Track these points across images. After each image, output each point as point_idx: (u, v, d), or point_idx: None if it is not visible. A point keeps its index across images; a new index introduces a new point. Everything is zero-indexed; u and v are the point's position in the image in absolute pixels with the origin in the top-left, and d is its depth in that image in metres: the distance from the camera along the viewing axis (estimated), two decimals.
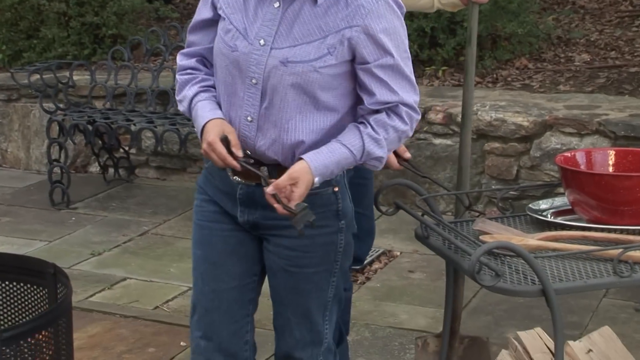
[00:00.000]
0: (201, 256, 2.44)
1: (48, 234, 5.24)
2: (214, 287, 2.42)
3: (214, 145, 2.25)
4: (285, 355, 2.49)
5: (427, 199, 2.72)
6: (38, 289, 2.71)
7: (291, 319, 2.44)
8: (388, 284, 4.52)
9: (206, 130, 2.29)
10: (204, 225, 2.44)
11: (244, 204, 2.39)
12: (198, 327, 2.46)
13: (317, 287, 2.43)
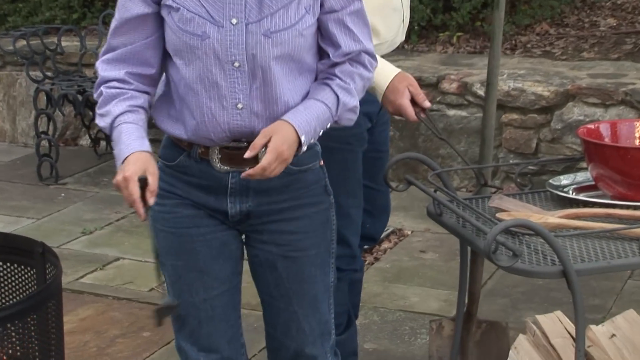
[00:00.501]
0: (184, 266, 2.39)
1: (36, 211, 5.26)
2: (205, 297, 2.40)
3: (129, 182, 2.18)
4: (295, 354, 2.47)
5: (440, 174, 2.72)
6: (26, 270, 2.73)
7: (298, 311, 2.43)
8: (398, 265, 4.53)
9: (128, 161, 2.21)
10: (181, 232, 2.37)
11: (236, 193, 2.35)
12: (192, 340, 2.43)
13: (322, 271, 2.44)
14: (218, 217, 2.39)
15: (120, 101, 2.28)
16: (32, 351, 2.46)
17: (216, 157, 2.32)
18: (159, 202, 2.37)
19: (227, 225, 2.40)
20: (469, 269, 2.93)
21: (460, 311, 2.93)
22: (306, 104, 2.29)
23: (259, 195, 2.35)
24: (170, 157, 2.38)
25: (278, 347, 2.48)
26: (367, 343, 3.79)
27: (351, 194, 2.99)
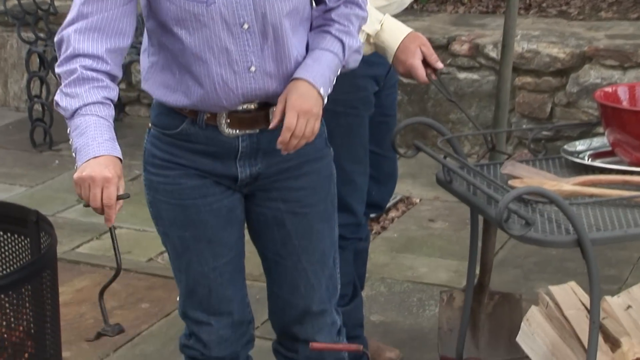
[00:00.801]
0: (192, 237, 2.42)
1: (29, 178, 5.27)
2: (214, 265, 2.43)
3: (111, 184, 2.13)
4: (303, 312, 2.52)
5: (450, 139, 2.72)
6: (19, 239, 2.74)
7: (307, 268, 2.48)
8: (406, 234, 4.54)
9: (103, 162, 2.14)
10: (187, 204, 2.38)
11: (246, 156, 2.38)
12: (202, 308, 2.48)
13: (329, 225, 2.49)
14: (224, 183, 2.41)
15: (95, 88, 2.20)
16: (27, 323, 2.47)
17: (224, 122, 2.33)
18: (160, 173, 2.39)
19: (232, 190, 2.42)
20: (480, 238, 2.94)
21: (471, 282, 2.94)
22: (314, 57, 2.31)
23: (268, 156, 2.38)
24: (170, 125, 2.37)
25: (284, 307, 2.52)
26: (374, 315, 3.81)
27: (356, 160, 2.99)
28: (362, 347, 2.35)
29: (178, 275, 2.49)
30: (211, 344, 2.50)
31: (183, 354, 2.59)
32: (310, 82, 2.26)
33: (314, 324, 2.53)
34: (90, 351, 3.60)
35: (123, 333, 2.19)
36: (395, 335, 3.66)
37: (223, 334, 2.49)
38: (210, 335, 2.49)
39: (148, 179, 2.43)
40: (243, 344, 2.55)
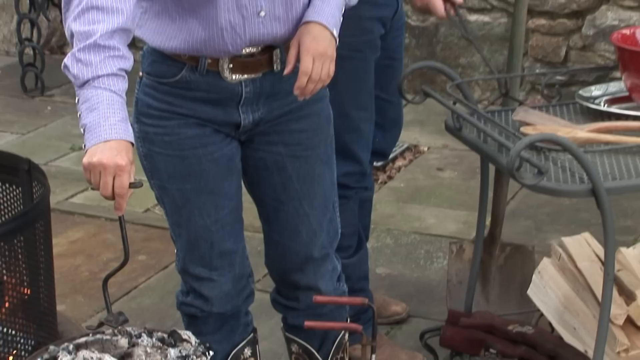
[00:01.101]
0: (192, 189, 2.42)
1: (20, 125, 5.27)
2: (216, 217, 2.44)
3: (124, 173, 2.06)
4: (305, 258, 2.54)
5: (460, 84, 2.71)
6: (10, 188, 2.74)
7: (309, 213, 2.50)
8: (413, 184, 4.54)
9: (116, 147, 2.06)
10: (186, 155, 2.38)
11: (249, 102, 2.38)
12: (203, 263, 2.49)
13: (329, 169, 2.51)
14: (224, 130, 2.41)
15: (110, 58, 2.09)
16: (20, 275, 2.48)
17: (227, 68, 2.33)
18: (156, 124, 2.38)
19: (231, 138, 2.43)
20: (490, 188, 2.94)
21: (481, 233, 2.95)
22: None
23: (270, 100, 2.39)
24: (167, 73, 2.36)
25: (284, 253, 2.55)
26: (380, 267, 3.83)
27: (362, 106, 2.98)
28: (367, 301, 2.36)
29: (177, 230, 2.50)
30: (213, 299, 2.51)
31: (181, 312, 2.60)
32: (323, 24, 2.28)
33: (316, 270, 2.56)
34: (86, 304, 3.63)
35: (127, 322, 2.18)
36: (402, 288, 3.68)
37: (225, 289, 2.51)
38: (212, 291, 2.51)
39: (142, 131, 2.40)
40: (244, 298, 2.58)
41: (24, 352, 2.48)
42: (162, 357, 2.03)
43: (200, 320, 2.56)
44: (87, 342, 2.07)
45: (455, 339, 2.75)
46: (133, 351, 2.04)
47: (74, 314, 3.43)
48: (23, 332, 2.49)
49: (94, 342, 2.07)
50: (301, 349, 2.67)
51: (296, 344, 2.68)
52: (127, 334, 2.09)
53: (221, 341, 2.58)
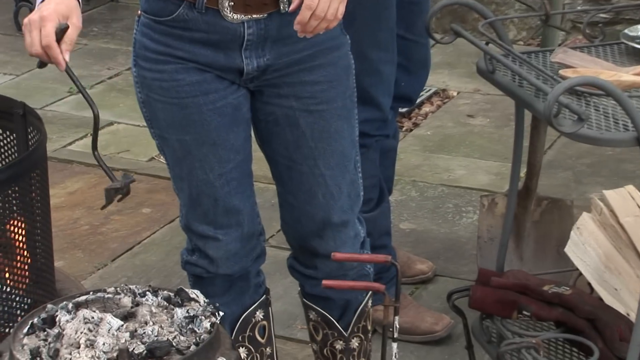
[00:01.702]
0: (193, 141, 2.41)
1: (14, 66, 5.28)
2: (220, 172, 2.44)
3: (46, 22, 2.13)
4: (323, 223, 2.52)
5: (493, 23, 2.69)
6: (4, 134, 2.75)
7: (325, 173, 2.48)
8: (441, 132, 4.54)
9: (48, 1, 2.17)
10: (186, 103, 2.37)
11: (253, 45, 2.35)
12: (207, 220, 2.49)
13: (348, 124, 2.48)
14: (228, 77, 2.39)
15: None
16: (15, 228, 2.50)
17: (227, 5, 2.30)
18: (153, 68, 2.37)
19: (237, 86, 2.41)
20: (526, 136, 2.93)
21: (515, 186, 2.94)
22: None
23: (278, 45, 2.35)
24: (164, 10, 2.34)
25: (300, 217, 2.54)
26: (404, 222, 3.83)
27: (383, 47, 2.97)
28: (390, 258, 2.37)
29: (179, 184, 2.51)
30: (218, 260, 2.52)
31: (186, 272, 2.62)
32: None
33: (335, 236, 2.54)
34: (85, 260, 3.66)
35: (133, 182, 2.22)
36: (428, 245, 3.69)
37: (231, 249, 2.51)
38: (217, 251, 2.51)
39: (140, 75, 2.41)
40: (253, 258, 2.58)
41: (20, 311, 2.50)
42: (168, 318, 2.04)
43: (206, 281, 2.57)
44: (88, 301, 2.08)
45: (486, 300, 2.75)
46: (137, 311, 2.06)
47: (73, 270, 3.46)
48: (18, 290, 2.51)
49: (94, 301, 2.09)
50: (319, 317, 2.68)
51: (314, 311, 2.69)
52: (131, 293, 2.10)
53: (230, 304, 2.58)
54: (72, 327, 1.98)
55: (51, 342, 1.97)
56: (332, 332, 2.67)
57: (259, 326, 2.65)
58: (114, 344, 1.95)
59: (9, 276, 2.49)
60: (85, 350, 1.93)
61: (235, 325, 2.61)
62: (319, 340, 2.71)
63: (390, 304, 2.33)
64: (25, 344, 1.99)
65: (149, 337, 1.97)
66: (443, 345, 3.19)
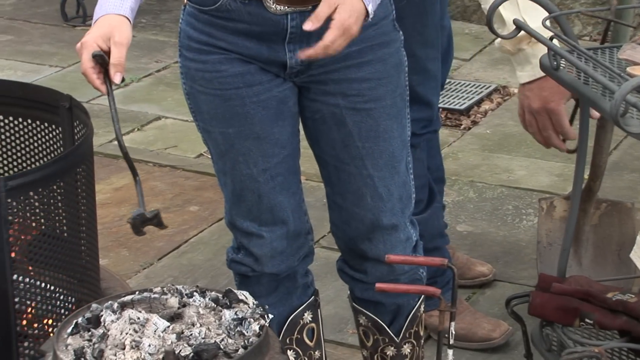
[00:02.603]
0: (237, 134, 2.43)
1: (60, 58, 5.33)
2: (264, 167, 2.45)
3: (83, 49, 2.24)
4: (371, 226, 2.53)
5: (558, 17, 2.68)
6: (50, 128, 2.77)
7: (373, 174, 2.48)
8: (501, 130, 4.52)
9: (95, 24, 2.28)
10: (229, 95, 2.41)
11: (297, 39, 2.36)
12: (251, 217, 2.51)
13: (398, 123, 2.48)
14: (272, 70, 2.40)
15: None
16: (59, 224, 2.52)
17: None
18: (197, 59, 2.40)
19: (282, 79, 2.42)
20: (590, 136, 2.91)
21: (578, 188, 2.92)
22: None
23: None
24: (207, 0, 2.36)
25: (349, 220, 2.54)
26: (461, 224, 3.82)
27: (429, 44, 2.97)
28: (447, 261, 2.36)
29: (222, 179, 2.52)
30: (263, 258, 2.53)
31: (232, 270, 2.63)
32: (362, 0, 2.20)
33: (385, 240, 2.54)
34: (131, 259, 3.68)
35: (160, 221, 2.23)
36: (486, 248, 3.68)
37: (277, 247, 2.53)
38: (262, 249, 2.53)
39: (184, 66, 2.44)
40: (300, 257, 2.59)
41: (64, 310, 2.52)
42: (216, 320, 2.05)
43: (252, 280, 2.59)
44: (133, 301, 2.10)
45: (546, 307, 2.74)
46: (184, 312, 2.07)
47: (118, 269, 3.49)
48: (63, 289, 2.53)
49: (140, 301, 2.10)
50: (370, 322, 2.68)
51: (364, 316, 2.69)
52: (178, 293, 2.12)
53: (276, 304, 2.60)
54: (117, 328, 2.00)
55: (96, 343, 1.98)
56: (383, 337, 2.67)
57: (307, 328, 2.66)
58: (159, 345, 1.96)
59: (53, 274, 2.51)
60: (130, 351, 1.94)
61: (282, 327, 2.63)
62: (370, 346, 2.71)
63: (446, 309, 2.32)
64: (69, 344, 2.01)
65: (196, 339, 1.98)
66: (500, 353, 3.18)
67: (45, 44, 5.51)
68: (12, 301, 2.41)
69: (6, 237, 2.38)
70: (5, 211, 2.37)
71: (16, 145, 2.83)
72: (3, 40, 5.57)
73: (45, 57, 5.34)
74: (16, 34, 5.65)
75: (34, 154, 2.82)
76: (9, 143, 2.83)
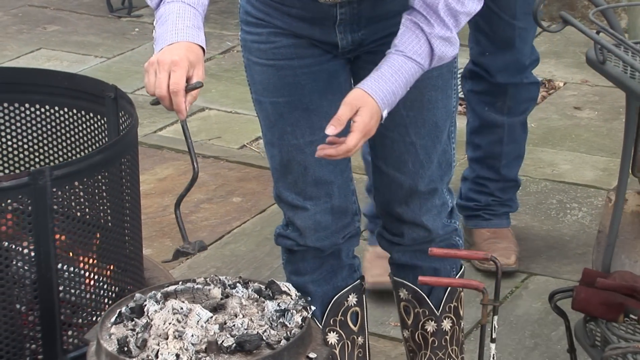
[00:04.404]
0: (286, 104, 2.48)
1: (105, 49, 5.36)
2: (312, 138, 2.48)
3: (178, 68, 2.11)
4: (410, 190, 2.57)
5: (604, 10, 2.66)
6: (95, 118, 2.79)
7: (416, 142, 2.53)
8: (546, 124, 4.49)
9: (176, 46, 2.16)
10: (281, 65, 2.46)
11: (346, 22, 2.41)
12: (297, 190, 2.55)
13: (443, 94, 2.51)
14: (324, 47, 2.46)
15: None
16: (104, 214, 2.53)
17: None
18: (252, 31, 2.46)
19: (333, 54, 2.47)
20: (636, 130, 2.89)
21: (624, 182, 2.90)
22: (393, 65, 2.27)
23: (373, 22, 2.41)
24: None
25: (389, 184, 2.59)
26: None
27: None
28: (490, 255, 2.35)
29: (270, 151, 2.56)
30: (306, 230, 2.57)
31: (279, 246, 2.68)
32: (379, 105, 2.26)
33: (421, 204, 2.60)
34: (174, 249, 3.68)
35: (205, 249, 2.23)
36: (529, 242, 3.66)
37: (320, 220, 2.56)
38: (305, 221, 2.57)
39: (243, 39, 2.51)
40: (345, 237, 2.62)
41: (108, 300, 2.54)
42: (258, 311, 2.06)
43: (297, 256, 2.64)
44: (177, 291, 2.11)
45: (590, 302, 2.72)
46: (227, 302, 2.08)
47: (161, 259, 3.50)
48: (106, 278, 2.54)
49: (184, 291, 2.11)
50: (410, 294, 2.71)
51: (405, 288, 2.72)
52: (221, 284, 2.12)
53: (320, 282, 2.65)
54: (160, 318, 2.01)
55: (139, 332, 2.00)
56: (423, 309, 2.71)
57: (351, 312, 2.69)
58: (202, 335, 1.97)
59: (97, 263, 2.53)
60: (173, 341, 1.95)
61: (327, 307, 2.66)
62: (410, 323, 2.74)
63: (488, 303, 2.31)
64: (113, 333, 2.03)
65: (239, 330, 1.98)
66: (543, 348, 3.16)
67: (90, 34, 5.53)
68: (56, 290, 2.43)
69: (51, 226, 2.40)
70: (51, 200, 2.39)
71: (62, 135, 2.85)
72: (49, 31, 5.61)
73: (90, 48, 5.36)
74: (62, 24, 5.69)
75: (80, 143, 2.84)
76: (55, 133, 2.85)
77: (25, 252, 2.42)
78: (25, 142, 2.86)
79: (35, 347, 2.45)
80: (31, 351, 2.45)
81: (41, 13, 5.86)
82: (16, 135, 2.85)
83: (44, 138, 2.86)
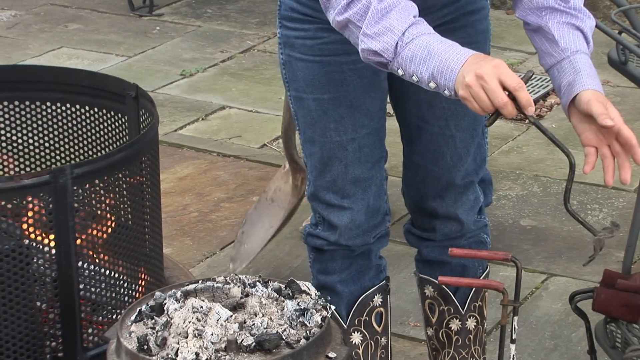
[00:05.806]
0: (331, 100, 2.48)
1: (126, 48, 5.37)
2: (353, 136, 2.50)
3: (502, 69, 2.08)
4: (446, 184, 2.59)
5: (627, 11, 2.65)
6: (115, 117, 2.79)
7: (455, 135, 2.55)
8: (567, 124, 4.46)
9: (478, 56, 2.13)
10: (328, 61, 2.46)
11: None
12: (335, 188, 2.55)
13: None
14: None
15: (399, 12, 2.16)
16: (124, 213, 2.54)
17: None
18: (298, 27, 2.46)
19: None
20: None
21: None
22: (586, 62, 2.32)
23: (422, 14, 2.39)
24: None
25: (424, 177, 2.61)
26: (525, 219, 3.80)
27: None
28: (511, 256, 2.35)
29: (309, 149, 2.56)
30: (342, 227, 2.57)
31: (307, 246, 2.68)
32: None
33: (457, 198, 2.62)
34: (194, 248, 3.70)
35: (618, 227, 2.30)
36: (549, 243, 3.65)
37: (356, 219, 2.57)
38: (342, 219, 2.57)
39: (284, 35, 2.50)
40: (376, 236, 2.63)
41: (128, 298, 2.54)
42: (278, 310, 2.06)
43: (327, 255, 2.64)
44: (197, 290, 2.11)
45: (611, 304, 2.71)
46: (246, 301, 2.08)
47: (181, 258, 3.51)
48: (126, 276, 2.55)
49: (203, 290, 2.11)
50: (436, 291, 2.73)
51: (430, 285, 2.73)
52: (241, 283, 2.12)
53: (348, 282, 2.66)
54: (180, 316, 2.01)
55: (159, 331, 2.00)
56: (448, 307, 2.72)
57: (376, 312, 2.70)
58: (222, 334, 1.97)
59: (118, 262, 2.53)
60: (193, 340, 1.96)
61: (352, 308, 2.67)
62: (435, 321, 2.75)
63: (508, 304, 2.31)
64: (133, 332, 2.03)
65: (258, 329, 1.98)
66: (563, 349, 3.15)
67: (112, 33, 5.55)
68: (77, 288, 2.44)
69: (72, 224, 2.40)
70: (71, 198, 2.40)
71: (83, 133, 2.85)
72: (71, 29, 5.63)
73: (111, 46, 5.38)
74: (83, 23, 5.71)
75: (100, 142, 2.84)
76: (76, 131, 2.85)
77: (46, 250, 2.43)
78: (46, 140, 2.87)
79: (55, 345, 2.46)
80: (51, 349, 2.45)
81: (63, 12, 5.88)
82: (37, 133, 2.86)
83: (64, 136, 2.86)
